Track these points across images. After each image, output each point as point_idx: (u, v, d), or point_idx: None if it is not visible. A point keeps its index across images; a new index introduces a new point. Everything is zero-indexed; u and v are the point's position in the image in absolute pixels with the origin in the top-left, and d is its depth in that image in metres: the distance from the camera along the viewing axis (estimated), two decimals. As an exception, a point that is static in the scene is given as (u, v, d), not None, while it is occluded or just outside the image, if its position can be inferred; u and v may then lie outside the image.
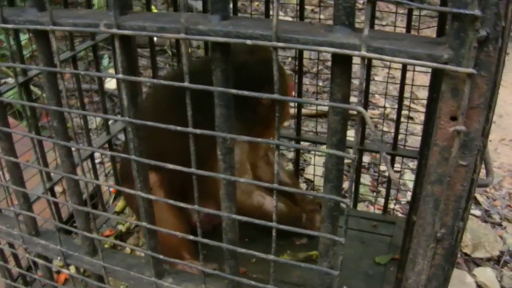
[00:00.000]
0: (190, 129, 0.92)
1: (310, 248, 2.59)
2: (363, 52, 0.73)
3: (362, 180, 3.53)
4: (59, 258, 1.40)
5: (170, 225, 2.29)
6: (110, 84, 4.34)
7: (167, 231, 1.12)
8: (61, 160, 1.23)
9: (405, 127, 3.35)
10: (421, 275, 0.96)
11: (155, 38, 4.99)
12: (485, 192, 3.60)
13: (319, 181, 3.34)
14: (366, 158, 3.84)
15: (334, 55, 0.79)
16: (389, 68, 3.06)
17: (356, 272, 2.49)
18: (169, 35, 0.87)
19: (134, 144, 1.06)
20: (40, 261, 1.49)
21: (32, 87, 4.17)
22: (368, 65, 2.55)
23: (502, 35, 0.74)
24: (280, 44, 0.78)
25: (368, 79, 2.56)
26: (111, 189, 3.19)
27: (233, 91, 0.86)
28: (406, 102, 3.14)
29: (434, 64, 0.73)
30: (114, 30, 0.92)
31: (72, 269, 2.10)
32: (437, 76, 1.42)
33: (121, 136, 3.88)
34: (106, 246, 2.59)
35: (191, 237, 1.06)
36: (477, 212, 3.39)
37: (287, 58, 5.29)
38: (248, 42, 0.80)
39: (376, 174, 3.67)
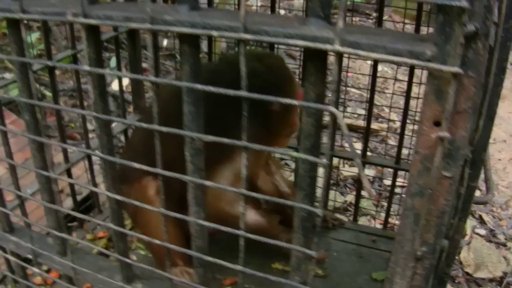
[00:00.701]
0: (155, 127, 0.85)
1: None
2: (337, 46, 0.66)
3: (365, 193, 3.46)
4: (30, 256, 1.35)
5: (160, 229, 2.23)
6: (115, 85, 4.30)
7: (142, 236, 1.05)
8: (32, 155, 1.17)
9: (411, 141, 3.27)
10: (400, 297, 0.88)
11: (164, 42, 4.96)
12: (491, 211, 3.50)
13: (318, 191, 3.26)
14: (371, 172, 3.75)
15: (307, 51, 0.72)
16: (395, 79, 2.97)
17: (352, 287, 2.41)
18: (135, 25, 0.81)
19: (102, 141, 0.99)
20: (12, 259, 1.43)
21: (37, 85, 4.16)
22: (374, 73, 2.48)
23: (495, 32, 0.66)
24: (248, 36, 0.71)
25: (373, 88, 2.48)
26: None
27: (200, 86, 0.79)
28: (413, 117, 3.06)
29: (415, 62, 0.65)
30: (81, 19, 0.87)
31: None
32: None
33: (123, 138, 3.83)
34: (101, 246, 2.54)
35: (156, 241, 0.99)
36: (482, 231, 3.29)
37: (298, 68, 5.21)
38: (214, 33, 0.73)
39: (381, 188, 3.60)
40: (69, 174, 2.70)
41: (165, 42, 5.02)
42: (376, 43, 0.66)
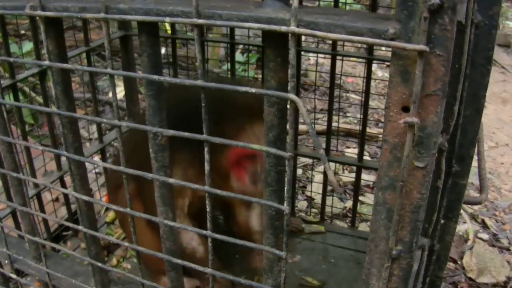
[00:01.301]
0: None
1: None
2: (292, 27, 0.61)
3: (366, 199, 3.41)
4: (6, 262, 1.30)
5: (145, 238, 2.20)
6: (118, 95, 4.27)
7: (99, 235, 1.00)
8: (3, 156, 1.13)
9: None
10: (377, 300, 0.83)
11: (162, 50, 4.92)
12: (494, 215, 3.44)
13: (319, 199, 3.21)
14: (371, 177, 3.70)
15: (265, 35, 0.68)
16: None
17: (349, 295, 2.36)
18: (90, 16, 0.77)
19: (67, 140, 0.95)
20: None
21: (26, 89, 4.14)
22: (368, 75, 2.43)
23: (466, 6, 0.61)
24: (200, 21, 0.67)
25: (367, 91, 2.44)
26: (104, 199, 3.09)
27: (162, 78, 0.75)
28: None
29: (377, 41, 0.60)
30: (39, 12, 0.83)
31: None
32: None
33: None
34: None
35: (126, 243, 0.95)
36: (485, 236, 3.23)
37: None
38: (167, 20, 0.69)
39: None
40: (62, 182, 2.66)
41: (163, 50, 4.98)
42: (335, 22, 0.61)
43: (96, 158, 3.09)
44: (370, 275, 0.81)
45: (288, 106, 0.67)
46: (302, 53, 2.61)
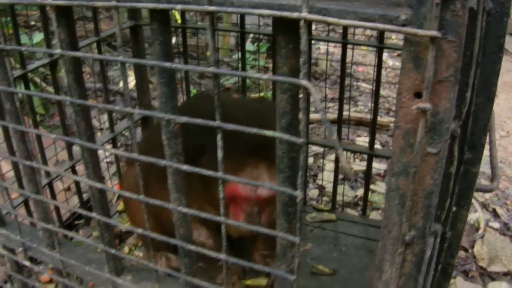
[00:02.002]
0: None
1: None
2: (304, 14, 0.61)
3: (377, 188, 3.40)
4: (20, 249, 1.32)
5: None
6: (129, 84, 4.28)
7: (126, 227, 1.01)
8: (16, 145, 1.14)
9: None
10: (389, 286, 0.83)
11: (173, 40, 4.93)
12: (505, 204, 3.43)
13: (330, 187, 3.21)
14: (382, 166, 3.69)
15: (277, 22, 0.68)
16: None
17: (360, 282, 2.36)
18: (101, 4, 0.77)
19: (80, 128, 0.96)
20: (4, 252, 1.40)
21: (37, 79, 4.16)
22: (379, 64, 2.43)
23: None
24: (212, 8, 0.67)
25: (378, 79, 2.43)
26: (115, 187, 3.11)
27: (174, 65, 0.75)
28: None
29: (388, 27, 0.60)
30: (49, 1, 0.83)
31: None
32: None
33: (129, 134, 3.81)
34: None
35: (139, 230, 0.95)
36: (496, 225, 3.22)
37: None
38: (178, 7, 0.69)
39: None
40: (73, 171, 2.68)
41: (173, 40, 4.99)
42: (346, 8, 0.61)
43: (108, 147, 3.10)
44: (383, 261, 0.81)
45: (301, 93, 0.67)
46: (313, 42, 2.61)
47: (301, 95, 0.67)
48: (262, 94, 4.17)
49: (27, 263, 1.31)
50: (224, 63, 4.91)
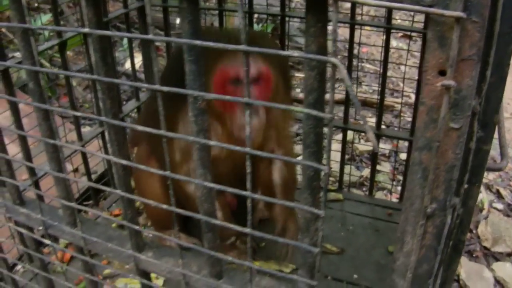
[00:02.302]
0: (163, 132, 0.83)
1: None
2: (336, -7, 0.64)
3: (381, 168, 3.44)
4: (40, 228, 1.34)
5: (156, 195, 2.25)
6: (129, 64, 4.30)
7: (145, 200, 1.04)
8: (38, 123, 1.16)
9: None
10: (410, 257, 0.86)
11: (177, 20, 4.93)
12: (509, 186, 3.46)
13: (336, 167, 3.24)
14: (386, 146, 3.72)
15: (307, 2, 0.70)
16: (408, 51, 2.93)
17: (368, 261, 2.40)
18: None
19: (106, 105, 0.98)
20: (23, 231, 1.43)
21: (43, 61, 4.18)
22: (386, 45, 2.44)
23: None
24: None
25: (386, 61, 2.45)
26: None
27: (200, 43, 0.77)
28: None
29: (416, 7, 0.62)
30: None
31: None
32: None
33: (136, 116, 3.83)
34: (113, 225, 2.55)
35: (164, 206, 0.98)
36: (500, 206, 3.26)
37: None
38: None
39: (397, 163, 3.57)
40: (83, 153, 2.71)
41: (177, 21, 4.99)
42: (376, -12, 0.63)
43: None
44: (405, 233, 0.84)
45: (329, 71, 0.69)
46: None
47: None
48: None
49: (47, 241, 1.34)
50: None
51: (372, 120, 3.66)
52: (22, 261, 2.43)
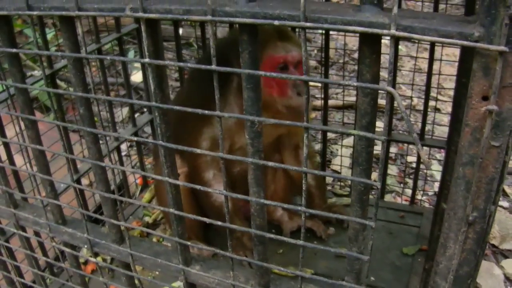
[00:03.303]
0: (218, 113, 0.91)
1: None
2: (393, 31, 0.72)
3: (388, 171, 3.51)
4: (85, 246, 1.41)
5: (186, 202, 2.34)
6: (136, 77, 4.36)
7: (194, 217, 1.11)
8: (87, 147, 1.24)
9: (432, 118, 3.31)
10: (452, 260, 0.94)
11: (180, 31, 5.00)
12: (514, 183, 3.54)
13: (346, 172, 3.32)
14: (393, 149, 3.80)
15: (362, 35, 0.78)
16: (416, 57, 3.01)
17: (383, 263, 2.47)
18: (196, 18, 0.87)
19: (162, 130, 1.05)
20: (67, 250, 1.50)
21: (58, 81, 4.24)
22: (395, 53, 2.52)
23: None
24: (308, 24, 0.77)
25: (395, 67, 2.53)
26: (138, 181, 3.20)
27: (261, 73, 0.85)
28: (433, 94, 3.09)
29: (465, 42, 0.71)
30: (140, 14, 0.92)
31: (99, 259, 2.11)
32: (467, 57, 1.39)
33: (147, 129, 3.89)
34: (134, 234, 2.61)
35: (207, 220, 1.06)
36: (505, 204, 3.33)
37: (313, 50, 5.28)
38: (276, 23, 0.79)
39: (404, 165, 3.64)
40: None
41: (180, 31, 5.06)
42: (429, 26, 0.72)
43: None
44: (448, 239, 0.92)
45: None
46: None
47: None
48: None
49: (93, 259, 1.40)
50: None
51: (379, 124, 3.74)
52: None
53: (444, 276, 0.97)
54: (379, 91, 0.81)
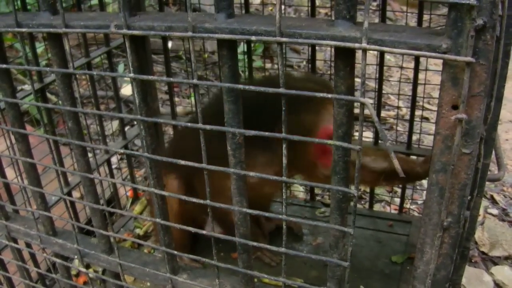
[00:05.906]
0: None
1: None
2: (364, 44, 0.75)
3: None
4: (76, 257, 1.43)
5: (173, 216, 2.35)
6: (126, 90, 4.39)
7: (181, 226, 1.14)
8: (76, 160, 1.26)
9: (421, 127, 3.36)
10: (429, 264, 0.97)
11: (169, 44, 5.05)
12: (502, 191, 3.58)
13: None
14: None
15: (337, 49, 0.81)
16: (401, 68, 3.05)
17: (372, 272, 2.49)
18: (177, 34, 0.90)
19: (147, 142, 1.08)
20: (57, 260, 1.52)
21: (48, 94, 4.26)
22: (381, 63, 2.56)
23: (500, 23, 0.75)
24: (284, 39, 0.80)
25: (381, 78, 2.57)
26: (129, 194, 3.22)
27: (240, 86, 0.89)
28: (421, 103, 3.13)
29: (433, 54, 0.74)
30: (124, 31, 0.95)
31: (90, 271, 2.14)
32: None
33: (138, 142, 3.91)
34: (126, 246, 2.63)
35: (203, 231, 1.09)
36: (494, 211, 3.37)
37: (302, 62, 5.32)
38: (253, 38, 0.82)
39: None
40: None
41: (170, 44, 5.11)
42: (398, 39, 0.75)
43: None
44: (424, 244, 0.96)
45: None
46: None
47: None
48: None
49: (83, 269, 1.43)
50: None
51: (367, 135, 3.78)
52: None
53: (423, 281, 1.00)
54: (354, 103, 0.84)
